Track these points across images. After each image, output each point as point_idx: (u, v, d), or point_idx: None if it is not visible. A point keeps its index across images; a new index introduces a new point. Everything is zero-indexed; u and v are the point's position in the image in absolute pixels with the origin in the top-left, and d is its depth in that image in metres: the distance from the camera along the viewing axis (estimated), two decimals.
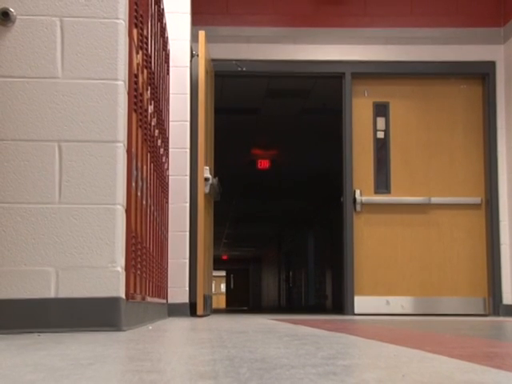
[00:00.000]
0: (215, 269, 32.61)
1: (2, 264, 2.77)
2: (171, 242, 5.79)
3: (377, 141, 6.80)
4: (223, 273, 39.89)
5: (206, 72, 6.01)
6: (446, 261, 6.72)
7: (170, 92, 5.88)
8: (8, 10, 2.89)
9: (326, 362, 1.41)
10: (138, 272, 3.38)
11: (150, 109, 4.05)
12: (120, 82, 2.93)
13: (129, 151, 3.07)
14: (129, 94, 3.08)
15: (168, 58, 5.74)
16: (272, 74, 6.93)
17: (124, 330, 2.78)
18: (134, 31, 3.27)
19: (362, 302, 6.56)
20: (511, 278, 6.56)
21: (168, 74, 5.75)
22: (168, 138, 5.66)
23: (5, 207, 2.81)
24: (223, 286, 42.06)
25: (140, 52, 3.52)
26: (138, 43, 3.44)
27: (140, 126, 3.49)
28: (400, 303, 6.54)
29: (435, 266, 6.70)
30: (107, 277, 2.81)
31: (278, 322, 4.14)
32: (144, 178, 3.64)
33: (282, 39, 6.69)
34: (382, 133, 6.81)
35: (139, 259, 3.41)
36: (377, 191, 6.74)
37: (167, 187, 5.59)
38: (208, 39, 6.17)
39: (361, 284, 6.61)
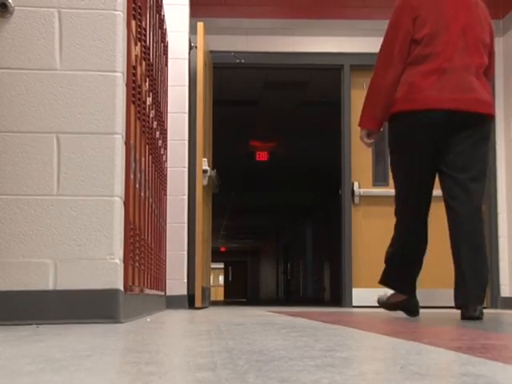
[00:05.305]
0: (213, 261, 32.64)
1: (0, 256, 2.77)
2: (169, 234, 5.79)
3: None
4: (221, 265, 39.92)
5: (205, 64, 6.00)
6: (443, 253, 6.70)
7: (169, 84, 5.87)
8: (6, 1, 2.88)
9: (324, 354, 1.41)
10: (137, 264, 3.38)
11: (149, 100, 4.04)
12: (118, 74, 2.93)
13: (127, 143, 3.06)
14: (127, 85, 3.08)
15: (166, 50, 5.73)
16: (270, 65, 6.92)
17: (122, 322, 2.78)
18: (133, 23, 3.26)
19: (359, 295, 6.57)
20: (509, 270, 6.57)
21: (166, 65, 5.74)
22: (166, 130, 5.66)
23: (3, 199, 2.81)
24: (221, 278, 42.10)
25: (138, 44, 3.52)
26: (137, 35, 3.43)
27: (138, 118, 3.49)
28: None
29: (433, 258, 6.70)
30: (105, 269, 2.81)
31: (276, 314, 4.14)
32: (142, 170, 3.64)
33: (281, 31, 6.68)
34: None
35: (137, 251, 3.41)
36: (375, 183, 6.74)
37: (165, 179, 5.58)
38: (206, 31, 6.16)
39: (359, 276, 6.62)
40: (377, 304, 4.36)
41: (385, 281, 4.06)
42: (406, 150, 3.80)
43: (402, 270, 3.98)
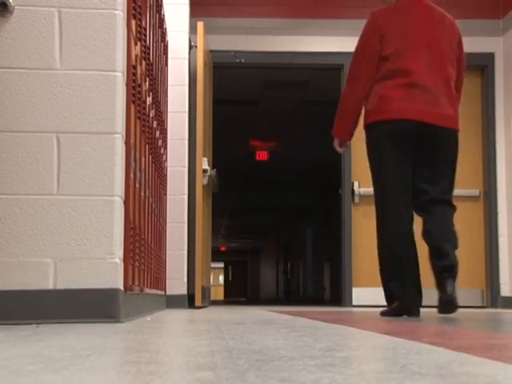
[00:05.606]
0: (213, 260, 32.68)
1: (1, 255, 2.77)
2: (169, 233, 5.79)
3: None
4: (221, 264, 39.93)
5: (205, 63, 6.00)
6: None
7: (169, 83, 5.87)
8: (6, 0, 2.88)
9: (324, 353, 1.41)
10: (137, 263, 3.38)
11: (149, 100, 4.04)
12: (118, 74, 2.93)
13: (127, 142, 3.07)
14: (127, 85, 3.08)
15: (166, 50, 5.73)
16: (270, 65, 6.92)
17: (122, 322, 2.78)
18: (133, 22, 3.26)
19: (359, 294, 6.57)
20: (509, 269, 6.57)
21: (166, 65, 5.74)
22: (166, 130, 5.66)
23: (3, 199, 2.81)
24: (221, 278, 42.11)
25: (138, 43, 3.52)
26: (137, 34, 3.43)
27: (138, 118, 3.49)
28: None
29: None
30: (105, 268, 2.81)
31: (276, 314, 4.15)
32: (142, 170, 3.64)
33: (281, 30, 6.68)
34: None
35: (137, 251, 3.41)
36: None
37: (165, 178, 5.58)
38: (206, 30, 6.16)
39: (359, 276, 6.62)
40: (375, 303, 4.42)
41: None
42: (382, 157, 3.99)
43: (392, 278, 4.15)
